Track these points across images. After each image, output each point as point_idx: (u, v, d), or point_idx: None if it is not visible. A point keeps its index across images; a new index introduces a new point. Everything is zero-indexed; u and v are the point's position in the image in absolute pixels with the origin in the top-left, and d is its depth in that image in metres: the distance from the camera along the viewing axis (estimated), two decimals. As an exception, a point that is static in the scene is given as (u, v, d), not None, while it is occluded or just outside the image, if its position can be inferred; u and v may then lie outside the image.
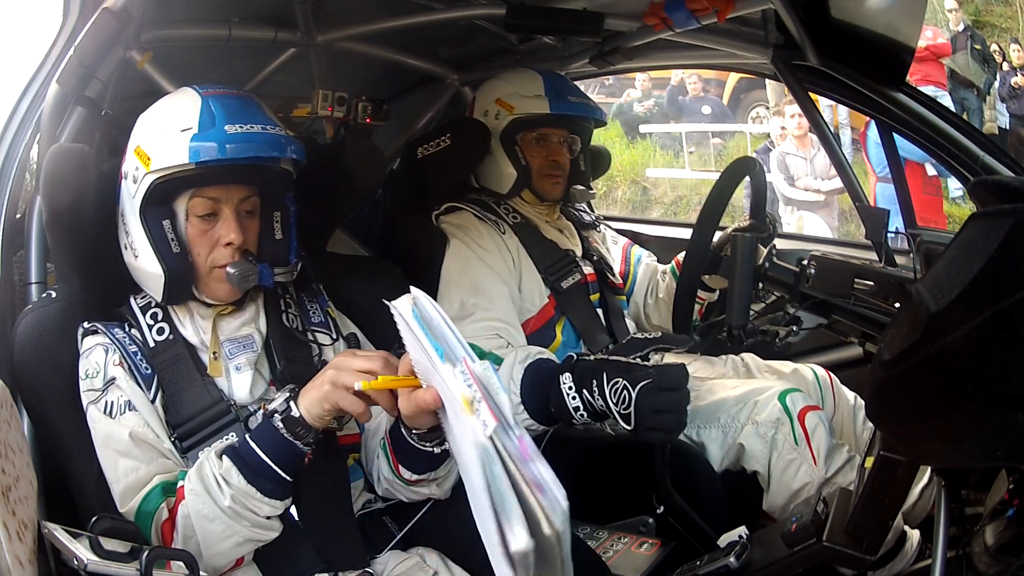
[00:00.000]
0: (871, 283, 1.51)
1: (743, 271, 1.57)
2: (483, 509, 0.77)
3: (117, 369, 1.31)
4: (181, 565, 1.10)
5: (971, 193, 1.20)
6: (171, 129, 1.33)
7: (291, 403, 1.20)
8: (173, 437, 1.32)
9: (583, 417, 1.61)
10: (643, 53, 2.27)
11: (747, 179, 1.85)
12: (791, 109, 5.62)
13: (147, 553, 1.06)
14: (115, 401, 1.29)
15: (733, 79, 7.81)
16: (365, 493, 1.50)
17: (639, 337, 1.85)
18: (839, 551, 1.24)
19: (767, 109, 7.33)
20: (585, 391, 1.58)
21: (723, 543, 1.41)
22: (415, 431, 1.25)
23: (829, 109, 5.58)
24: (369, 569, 1.34)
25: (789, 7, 1.88)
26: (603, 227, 2.33)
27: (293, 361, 1.43)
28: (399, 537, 1.42)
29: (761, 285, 1.67)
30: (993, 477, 1.13)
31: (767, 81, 6.68)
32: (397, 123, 2.55)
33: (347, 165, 1.80)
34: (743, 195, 4.25)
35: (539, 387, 1.65)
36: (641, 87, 8.38)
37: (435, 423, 1.14)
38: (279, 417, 1.20)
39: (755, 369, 2.08)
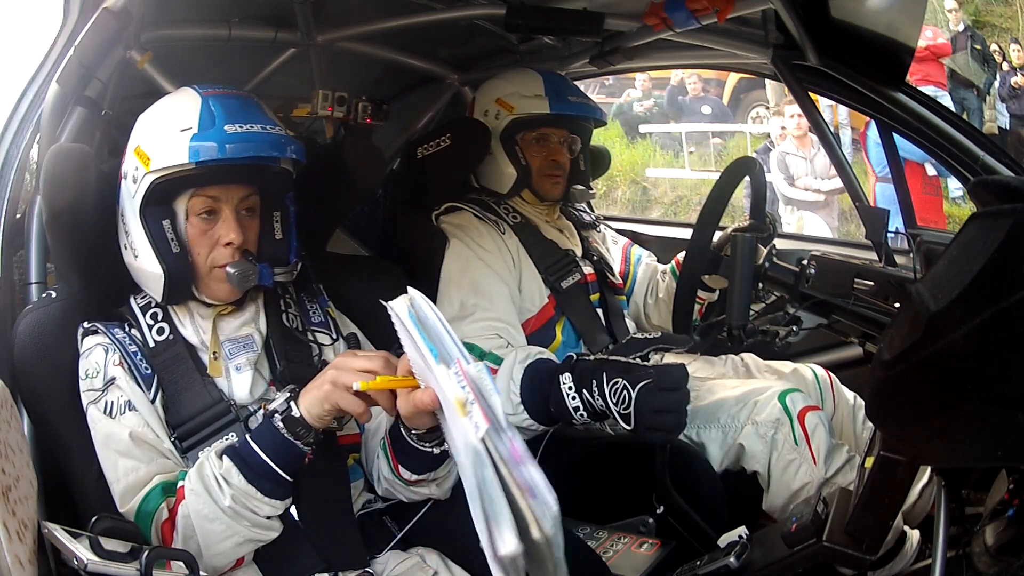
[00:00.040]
0: (871, 283, 1.52)
1: (743, 271, 1.57)
2: (475, 511, 0.77)
3: (117, 369, 1.31)
4: (181, 565, 1.10)
5: (971, 193, 1.20)
6: (171, 129, 1.33)
7: (291, 403, 1.20)
8: (173, 437, 1.32)
9: (583, 417, 1.61)
10: (643, 53, 2.27)
11: (747, 179, 1.85)
12: (791, 109, 5.62)
13: (147, 553, 1.06)
14: (115, 401, 1.29)
15: (733, 79, 7.81)
16: (365, 493, 1.50)
17: (639, 337, 1.86)
18: (839, 551, 1.24)
19: (767, 109, 7.32)
20: (585, 391, 1.58)
21: (723, 543, 1.41)
22: (414, 431, 1.25)
23: (829, 109, 5.57)
24: (369, 569, 1.34)
25: (789, 7, 1.88)
26: (603, 227, 2.33)
27: (293, 361, 1.43)
28: (399, 537, 1.42)
29: (761, 285, 1.67)
30: (993, 477, 1.12)
31: (767, 81, 6.68)
32: (397, 123, 2.54)
33: (347, 165, 1.80)
34: (743, 195, 4.25)
35: (539, 387, 1.65)
36: (641, 87, 8.38)
37: (434, 423, 1.14)
38: (279, 417, 1.20)
39: (755, 369, 2.08)
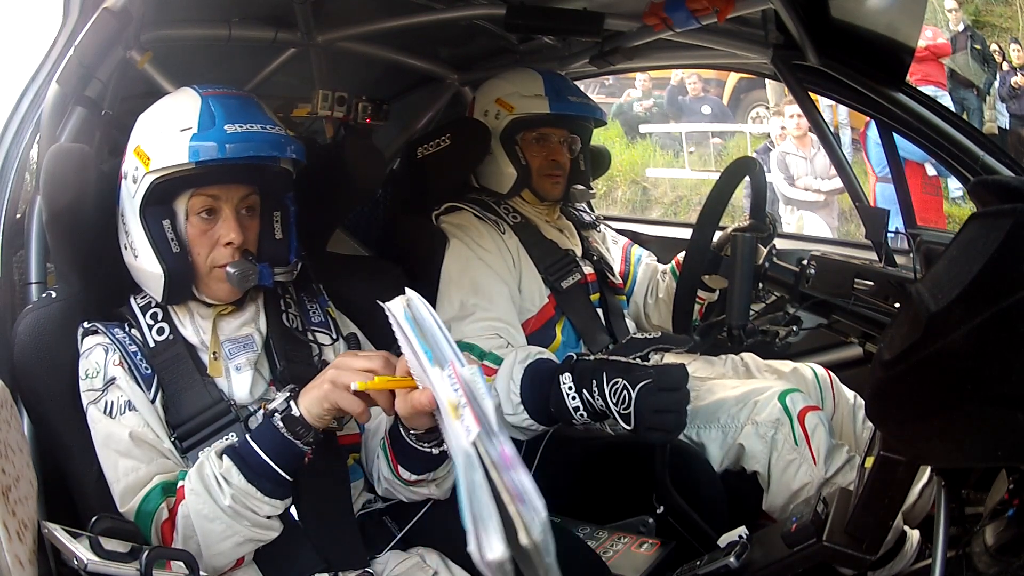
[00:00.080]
0: (871, 283, 1.52)
1: (743, 271, 1.57)
2: (465, 514, 0.77)
3: (117, 369, 1.31)
4: (181, 565, 1.10)
5: (971, 193, 1.20)
6: (171, 129, 1.33)
7: (291, 402, 1.20)
8: (173, 437, 1.32)
9: (583, 417, 1.61)
10: (643, 53, 2.27)
11: (747, 179, 1.85)
12: (791, 109, 5.62)
13: (147, 553, 1.06)
14: (115, 401, 1.29)
15: (733, 79, 7.81)
16: (365, 493, 1.50)
17: (639, 337, 1.86)
18: (839, 551, 1.24)
19: (767, 109, 7.33)
20: (585, 391, 1.58)
21: (723, 543, 1.41)
22: (413, 432, 1.25)
23: (829, 109, 5.57)
24: (369, 569, 1.34)
25: (789, 7, 1.88)
26: (603, 227, 2.33)
27: (293, 361, 1.43)
28: (399, 537, 1.42)
29: (761, 285, 1.67)
30: (993, 477, 1.12)
31: (767, 81, 6.68)
32: (397, 123, 2.54)
33: (347, 165, 1.80)
34: (743, 195, 4.25)
35: (539, 387, 1.65)
36: (641, 87, 8.38)
37: (432, 424, 1.14)
38: (279, 416, 1.20)
39: (755, 369, 2.08)
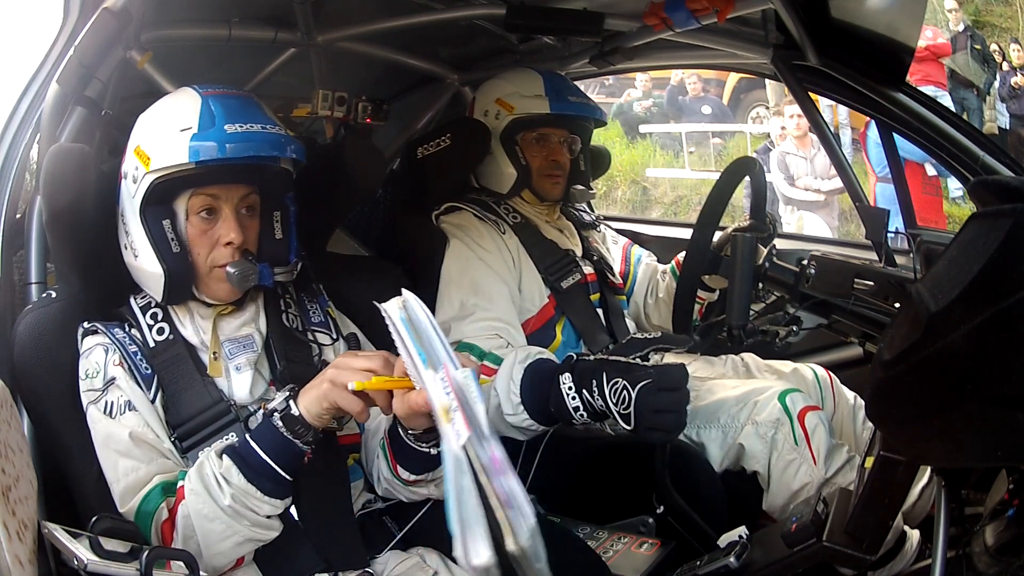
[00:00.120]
0: (871, 283, 1.52)
1: (743, 271, 1.57)
2: (452, 518, 0.77)
3: (117, 369, 1.31)
4: (181, 565, 1.10)
5: (971, 193, 1.20)
6: (171, 129, 1.33)
7: (290, 402, 1.20)
8: (173, 437, 1.32)
9: (583, 417, 1.61)
10: (643, 53, 2.27)
11: (747, 179, 1.85)
12: (791, 109, 5.62)
13: (147, 553, 1.06)
14: (115, 401, 1.29)
15: (733, 79, 7.81)
16: (365, 493, 1.50)
17: (639, 337, 1.86)
18: (839, 551, 1.24)
19: (767, 109, 7.33)
20: (585, 391, 1.58)
21: (723, 543, 1.41)
22: (411, 432, 1.25)
23: (829, 109, 5.57)
24: (369, 569, 1.34)
25: (789, 7, 1.88)
26: (603, 227, 2.33)
27: (293, 361, 1.43)
28: (399, 537, 1.42)
29: (761, 285, 1.68)
30: (993, 477, 1.12)
31: (767, 81, 6.68)
32: (397, 123, 2.54)
33: (347, 165, 1.80)
34: (743, 195, 4.25)
35: (539, 387, 1.65)
36: (641, 87, 8.38)
37: (430, 424, 1.14)
38: (278, 416, 1.20)
39: (755, 369, 2.08)
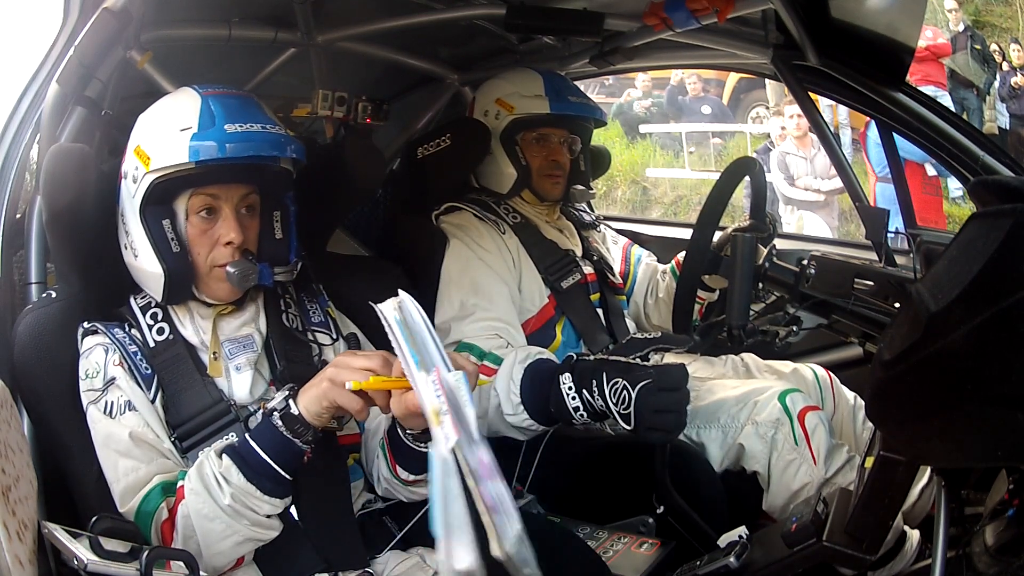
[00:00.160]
0: (871, 283, 1.52)
1: (743, 271, 1.57)
2: (437, 521, 0.76)
3: (117, 369, 1.31)
4: (181, 565, 1.10)
5: (971, 193, 1.20)
6: (171, 129, 1.33)
7: (290, 401, 1.20)
8: (173, 437, 1.32)
9: (583, 417, 1.61)
10: (643, 53, 2.27)
11: (747, 179, 1.85)
12: (791, 109, 5.62)
13: (147, 553, 1.06)
14: (115, 401, 1.29)
15: (733, 79, 7.81)
16: (365, 493, 1.50)
17: (639, 337, 1.86)
18: (839, 551, 1.24)
19: (767, 109, 7.33)
20: (585, 391, 1.58)
21: (723, 543, 1.41)
22: (410, 431, 1.25)
23: (829, 109, 5.57)
24: (369, 569, 1.35)
25: (789, 7, 1.88)
26: (603, 227, 2.33)
27: (293, 361, 1.43)
28: (399, 537, 1.42)
29: (761, 285, 1.67)
30: (993, 477, 1.12)
31: (767, 81, 6.68)
32: (397, 123, 2.54)
33: (347, 165, 1.80)
34: (743, 195, 4.25)
35: (539, 387, 1.65)
36: (641, 87, 8.38)
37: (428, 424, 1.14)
38: (278, 415, 1.20)
39: (755, 369, 2.08)
